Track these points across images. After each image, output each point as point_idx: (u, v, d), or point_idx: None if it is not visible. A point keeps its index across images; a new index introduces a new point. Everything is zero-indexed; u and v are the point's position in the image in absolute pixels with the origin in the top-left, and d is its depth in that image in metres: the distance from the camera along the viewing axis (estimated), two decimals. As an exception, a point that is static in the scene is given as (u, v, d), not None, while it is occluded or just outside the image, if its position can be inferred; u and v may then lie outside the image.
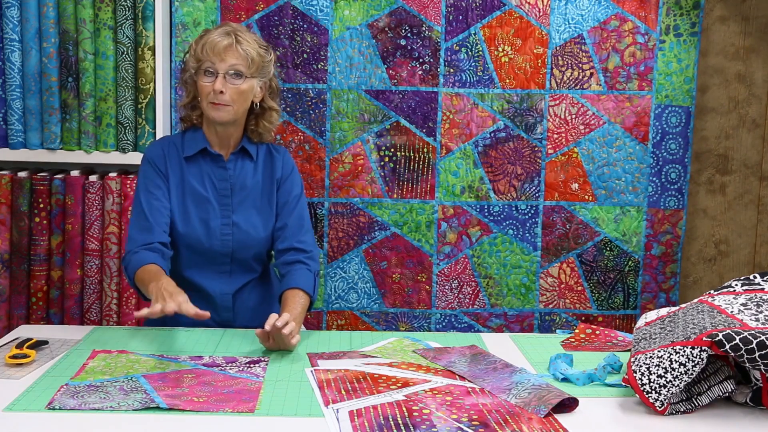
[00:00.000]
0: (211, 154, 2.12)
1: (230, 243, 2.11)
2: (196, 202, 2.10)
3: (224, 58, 2.01)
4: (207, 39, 2.03)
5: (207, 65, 2.02)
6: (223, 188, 2.12)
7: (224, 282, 2.14)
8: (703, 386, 1.60)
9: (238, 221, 2.11)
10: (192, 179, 2.11)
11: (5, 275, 2.64)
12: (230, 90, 2.02)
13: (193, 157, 2.12)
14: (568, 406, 1.58)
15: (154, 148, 2.14)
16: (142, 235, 2.04)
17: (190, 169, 2.11)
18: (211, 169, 2.12)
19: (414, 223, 2.81)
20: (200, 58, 2.03)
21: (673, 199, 2.84)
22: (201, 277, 2.13)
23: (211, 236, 2.10)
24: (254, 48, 2.05)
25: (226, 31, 2.05)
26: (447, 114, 2.77)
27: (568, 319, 2.87)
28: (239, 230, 2.11)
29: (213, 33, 2.04)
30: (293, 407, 1.56)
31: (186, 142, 2.13)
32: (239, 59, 2.02)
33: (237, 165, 2.13)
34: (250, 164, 2.15)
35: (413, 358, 1.86)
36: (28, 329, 2.04)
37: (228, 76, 2.02)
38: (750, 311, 1.66)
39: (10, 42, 2.57)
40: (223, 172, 2.12)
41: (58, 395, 1.58)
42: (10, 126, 2.61)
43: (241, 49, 2.02)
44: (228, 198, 2.12)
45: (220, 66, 2.01)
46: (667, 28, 2.76)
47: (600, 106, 2.79)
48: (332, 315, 2.85)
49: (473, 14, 2.74)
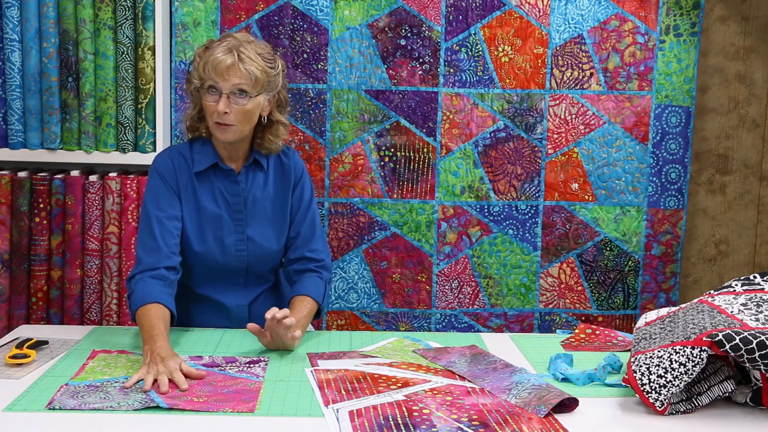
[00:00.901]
0: (222, 169, 2.06)
1: (245, 258, 2.07)
2: (211, 220, 2.04)
3: (227, 78, 1.93)
4: (209, 57, 1.94)
5: (210, 83, 1.95)
6: (236, 203, 2.06)
7: (239, 294, 2.11)
8: (703, 386, 1.60)
9: (253, 235, 2.07)
10: (204, 197, 2.05)
11: (5, 275, 2.64)
12: (235, 110, 1.94)
13: (204, 172, 2.05)
14: (568, 406, 1.58)
15: (163, 160, 2.06)
16: (149, 257, 1.96)
17: (202, 185, 2.05)
18: (223, 184, 2.06)
19: (414, 223, 2.81)
20: (203, 76, 1.96)
21: (673, 199, 2.84)
22: (216, 292, 2.09)
23: (226, 253, 2.05)
24: (259, 65, 1.95)
25: (229, 47, 1.95)
26: (447, 114, 2.77)
27: (568, 319, 2.87)
28: (254, 244, 2.07)
29: (216, 50, 1.95)
30: (293, 407, 1.56)
31: (195, 156, 2.05)
32: (242, 78, 1.93)
33: (248, 178, 2.08)
34: (261, 175, 2.09)
35: (413, 358, 1.86)
36: (28, 329, 2.04)
37: (232, 95, 1.94)
38: (750, 311, 1.66)
39: (10, 42, 2.57)
40: (236, 187, 2.06)
41: (58, 395, 1.58)
42: (10, 126, 2.61)
43: (244, 68, 1.93)
44: (241, 213, 2.07)
45: (224, 86, 1.93)
46: (667, 28, 2.76)
47: (600, 106, 2.79)
48: (332, 315, 2.85)
49: (473, 14, 2.74)
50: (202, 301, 2.11)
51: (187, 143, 2.10)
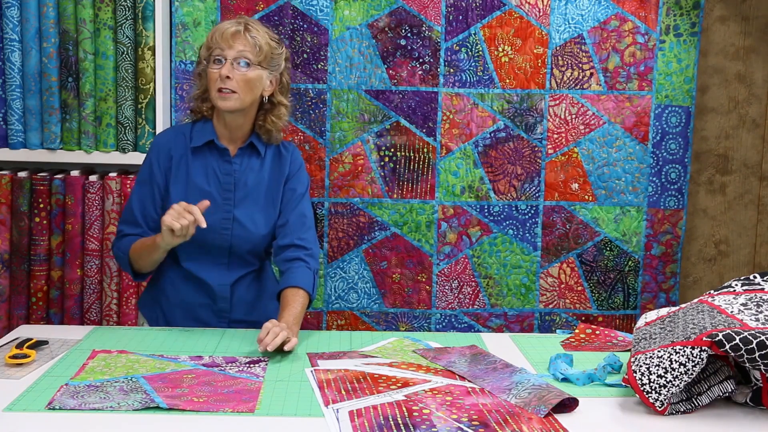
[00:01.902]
0: (218, 147, 2.12)
1: (228, 237, 2.11)
2: (199, 195, 2.09)
3: (232, 45, 2.03)
4: (218, 27, 2.08)
5: (216, 53, 2.05)
6: (227, 183, 2.12)
7: (222, 273, 2.14)
8: (703, 386, 1.60)
9: (239, 217, 2.12)
10: (196, 172, 2.11)
11: (5, 275, 2.64)
12: (237, 76, 2.03)
13: (199, 149, 2.12)
14: (568, 406, 1.58)
15: (163, 136, 2.17)
16: (129, 227, 2.13)
17: (195, 162, 2.12)
18: (217, 163, 2.12)
19: (414, 223, 2.81)
20: (210, 45, 2.07)
21: (673, 199, 2.84)
22: (199, 269, 2.13)
23: (210, 230, 2.08)
24: (264, 38, 2.07)
25: (238, 21, 2.09)
26: (447, 114, 2.77)
27: (568, 319, 2.87)
28: (239, 226, 2.12)
29: (225, 22, 2.10)
30: (293, 407, 1.56)
31: (195, 133, 2.14)
32: (247, 46, 2.04)
33: (243, 161, 2.14)
34: (257, 161, 2.15)
35: (413, 358, 1.86)
36: (28, 329, 2.04)
37: (235, 63, 2.03)
38: (750, 311, 1.66)
39: (10, 42, 2.57)
40: (228, 167, 2.12)
41: (58, 395, 1.58)
42: (10, 126, 2.61)
43: (250, 37, 2.05)
44: (231, 193, 2.12)
45: (229, 53, 2.03)
46: (667, 28, 2.76)
47: (600, 106, 2.79)
48: (332, 315, 2.85)
49: (473, 14, 2.74)
50: (187, 276, 2.15)
51: (190, 123, 2.18)
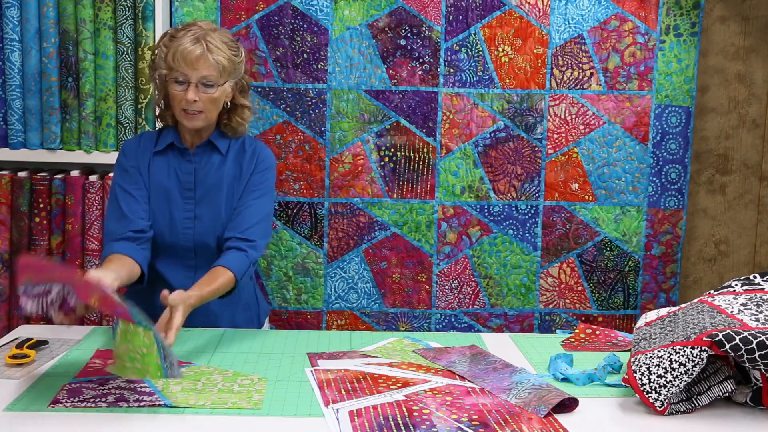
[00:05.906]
0: (178, 147, 2.13)
1: (191, 236, 2.11)
2: (160, 195, 2.11)
3: (196, 68, 2.00)
4: (177, 47, 2.00)
5: (178, 75, 2.01)
6: (187, 181, 2.12)
7: (189, 277, 2.12)
8: (703, 386, 1.60)
9: (201, 214, 2.11)
10: (157, 173, 2.12)
11: (5, 275, 2.64)
12: (203, 98, 2.02)
13: (162, 152, 2.14)
14: (568, 406, 1.58)
15: (130, 142, 2.18)
16: (116, 225, 2.06)
17: (158, 163, 2.13)
18: (177, 162, 2.13)
19: (414, 223, 2.81)
20: (171, 65, 2.01)
21: (673, 199, 2.84)
22: (167, 271, 2.13)
23: (173, 229, 2.10)
24: (225, 54, 2.03)
25: (196, 37, 2.01)
26: (447, 114, 2.77)
27: (568, 319, 2.87)
28: (201, 223, 2.11)
29: (183, 39, 2.00)
30: (293, 407, 1.57)
31: (161, 138, 2.15)
32: (211, 69, 2.01)
33: (203, 159, 2.14)
34: (218, 157, 2.14)
35: (413, 358, 1.86)
36: (28, 329, 2.04)
37: (200, 85, 2.01)
38: (750, 311, 1.66)
39: (10, 42, 2.57)
40: (188, 165, 2.13)
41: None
42: (10, 126, 2.61)
43: (213, 59, 2.00)
44: (191, 191, 2.12)
45: (192, 75, 2.00)
46: (667, 28, 2.76)
47: (600, 106, 2.79)
48: (332, 315, 2.85)
49: (473, 14, 2.74)
50: (156, 281, 2.12)
51: (156, 131, 2.21)
